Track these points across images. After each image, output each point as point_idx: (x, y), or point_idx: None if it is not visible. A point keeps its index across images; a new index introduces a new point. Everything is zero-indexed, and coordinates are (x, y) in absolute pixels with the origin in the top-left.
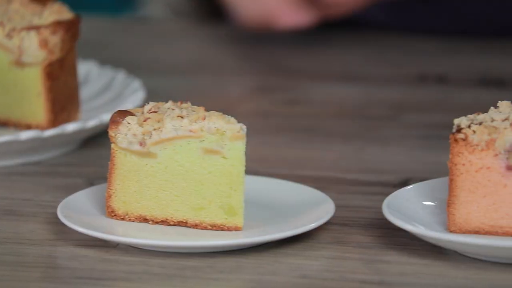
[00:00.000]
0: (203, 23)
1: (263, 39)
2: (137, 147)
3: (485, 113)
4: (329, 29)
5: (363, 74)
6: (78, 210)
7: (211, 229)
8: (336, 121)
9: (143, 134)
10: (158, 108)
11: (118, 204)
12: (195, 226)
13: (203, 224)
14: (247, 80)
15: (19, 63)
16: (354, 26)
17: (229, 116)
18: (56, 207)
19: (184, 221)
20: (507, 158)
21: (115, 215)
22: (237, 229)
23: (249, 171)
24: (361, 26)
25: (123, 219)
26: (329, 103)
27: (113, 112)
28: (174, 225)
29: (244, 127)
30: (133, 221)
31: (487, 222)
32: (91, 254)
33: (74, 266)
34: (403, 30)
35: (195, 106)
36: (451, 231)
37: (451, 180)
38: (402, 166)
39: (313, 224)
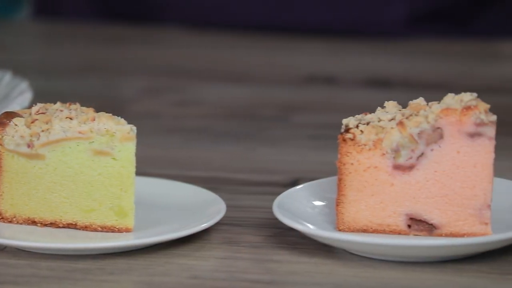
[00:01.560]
0: (91, 24)
1: (151, 39)
2: (24, 149)
3: (373, 113)
4: (218, 30)
5: (253, 75)
6: None
7: (101, 231)
8: (226, 121)
9: (31, 136)
10: (46, 109)
11: (5, 207)
12: (85, 228)
13: (93, 226)
14: (137, 81)
15: None
16: (244, 27)
17: (119, 117)
18: None
19: (74, 223)
20: (394, 158)
21: (2, 218)
22: (127, 230)
23: (139, 172)
24: (251, 27)
25: (10, 221)
26: (220, 104)
27: None
28: (64, 227)
29: (134, 128)
30: (21, 223)
31: (374, 220)
32: None
33: None
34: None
35: (84, 108)
36: (340, 230)
37: (339, 180)
38: (292, 166)
39: (204, 225)
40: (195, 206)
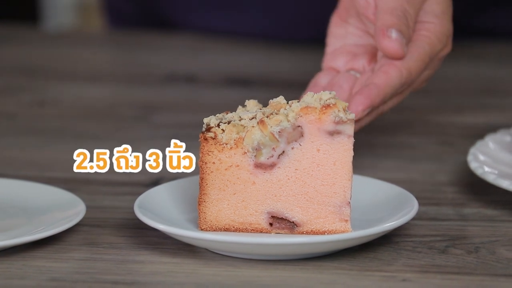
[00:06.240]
0: None
1: (2, 38)
2: None
3: (234, 112)
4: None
5: (112, 74)
6: None
7: None
8: (86, 122)
9: None
10: None
11: None
12: None
13: None
14: None
15: None
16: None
17: None
18: None
19: None
20: (255, 156)
21: None
22: None
23: None
24: (113, 25)
25: None
26: (79, 104)
27: None
28: None
29: None
30: None
31: (237, 219)
32: None
33: None
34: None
35: None
36: (202, 229)
37: (201, 179)
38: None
39: (63, 226)
40: (54, 208)
